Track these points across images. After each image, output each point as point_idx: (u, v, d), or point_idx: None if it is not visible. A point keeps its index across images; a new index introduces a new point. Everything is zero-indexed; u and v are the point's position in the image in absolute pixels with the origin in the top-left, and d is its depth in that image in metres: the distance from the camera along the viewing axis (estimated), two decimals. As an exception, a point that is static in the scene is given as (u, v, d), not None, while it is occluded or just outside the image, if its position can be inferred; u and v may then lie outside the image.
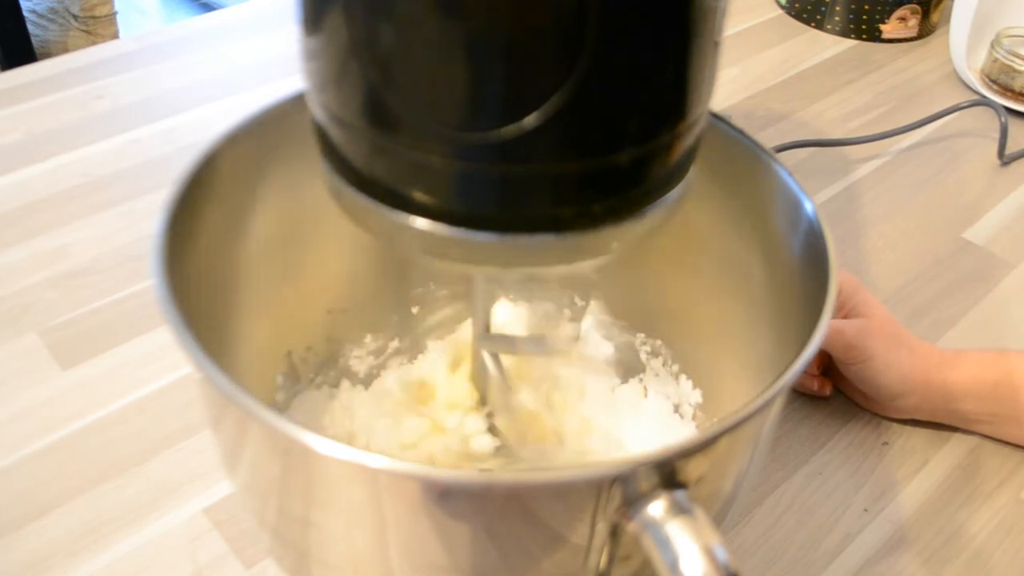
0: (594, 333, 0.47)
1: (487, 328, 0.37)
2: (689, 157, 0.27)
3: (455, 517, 0.26)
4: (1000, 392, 0.45)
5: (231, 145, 0.35)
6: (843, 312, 0.48)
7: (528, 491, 0.25)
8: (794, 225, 0.34)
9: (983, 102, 0.72)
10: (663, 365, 0.46)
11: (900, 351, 0.46)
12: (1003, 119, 0.70)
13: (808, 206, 0.34)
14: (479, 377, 0.40)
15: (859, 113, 0.74)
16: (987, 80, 0.78)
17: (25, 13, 1.48)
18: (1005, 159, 0.70)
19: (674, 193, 0.27)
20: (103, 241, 0.57)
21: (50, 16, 1.53)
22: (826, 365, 0.50)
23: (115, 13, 1.59)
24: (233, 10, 0.85)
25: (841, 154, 0.70)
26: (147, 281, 0.54)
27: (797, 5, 0.88)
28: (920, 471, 0.46)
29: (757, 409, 0.26)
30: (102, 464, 0.44)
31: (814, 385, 0.49)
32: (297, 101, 0.36)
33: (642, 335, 0.46)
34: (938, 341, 0.54)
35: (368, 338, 0.47)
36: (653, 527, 0.25)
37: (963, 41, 0.78)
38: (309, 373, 0.45)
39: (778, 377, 0.27)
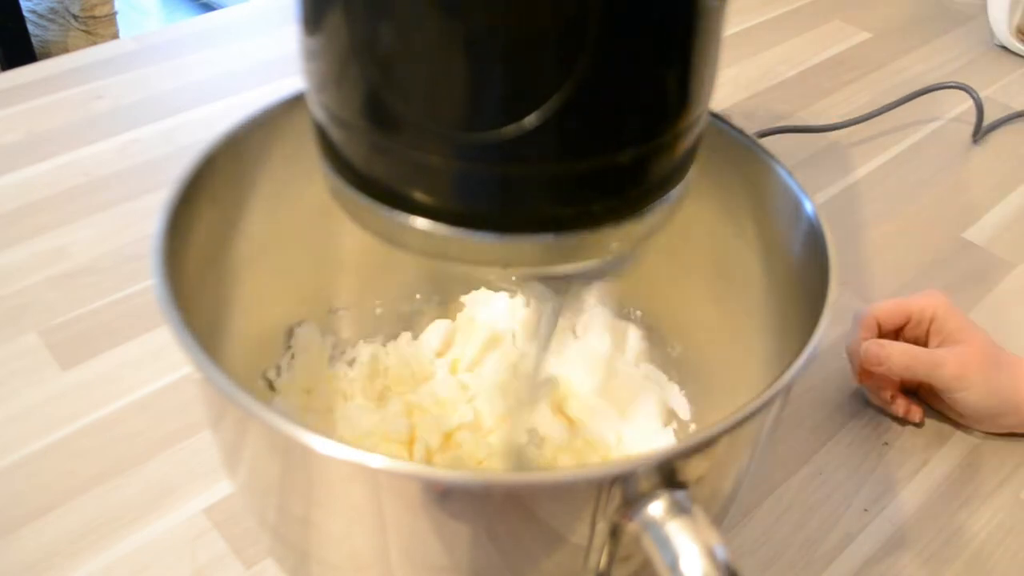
0: (593, 330, 0.47)
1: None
2: (689, 157, 0.27)
3: (455, 517, 0.26)
4: None
5: (231, 145, 0.35)
6: (939, 339, 0.47)
7: (528, 491, 0.25)
8: (794, 225, 0.34)
9: (959, 86, 0.72)
10: (660, 364, 0.46)
11: (1000, 374, 0.45)
12: (976, 97, 0.71)
13: (808, 206, 0.34)
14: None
15: (859, 113, 0.74)
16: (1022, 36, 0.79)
17: (25, 13, 1.48)
18: (977, 138, 0.71)
19: (674, 193, 0.27)
20: (103, 241, 0.57)
21: (50, 16, 1.53)
22: (915, 387, 0.49)
23: (115, 13, 1.59)
24: (233, 10, 0.85)
25: (841, 154, 0.70)
26: (147, 281, 0.54)
27: None
28: (920, 471, 0.46)
29: (757, 409, 0.26)
30: (102, 464, 0.44)
31: (899, 410, 0.48)
32: (297, 101, 0.36)
33: (640, 334, 0.46)
34: (938, 341, 0.54)
35: (370, 337, 0.47)
36: (653, 527, 0.25)
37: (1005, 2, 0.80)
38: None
39: (778, 377, 0.27)
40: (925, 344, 0.48)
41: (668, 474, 0.25)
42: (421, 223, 0.25)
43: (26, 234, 0.57)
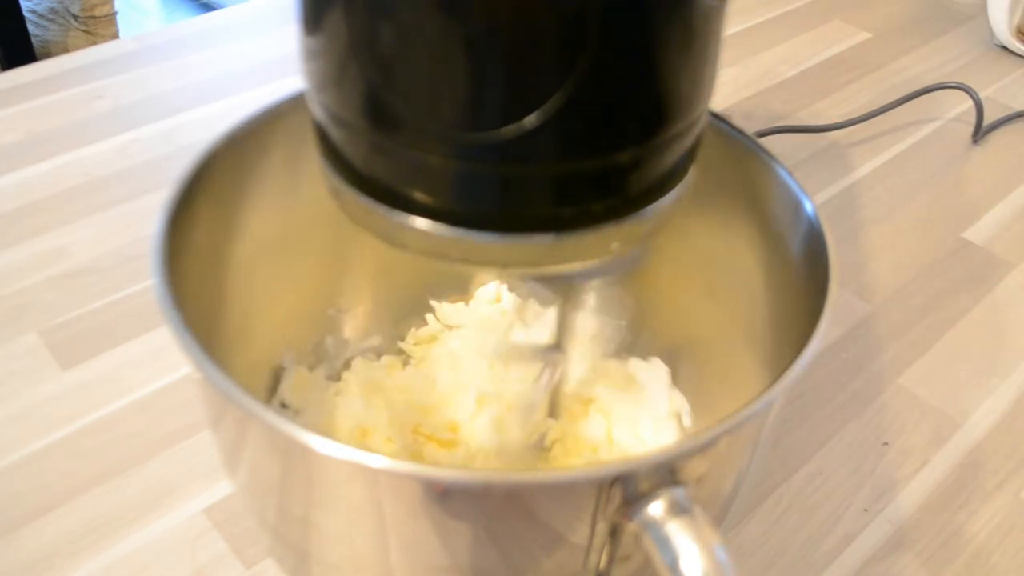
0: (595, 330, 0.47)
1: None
2: (689, 157, 0.27)
3: (455, 517, 0.26)
4: None
5: (231, 145, 0.35)
6: None
7: (528, 491, 0.25)
8: (794, 225, 0.34)
9: (959, 86, 0.72)
10: (659, 365, 0.46)
11: None
12: (976, 98, 0.71)
13: (808, 206, 0.34)
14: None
15: (859, 113, 0.74)
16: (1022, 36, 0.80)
17: (25, 13, 1.48)
18: (977, 138, 0.71)
19: (674, 193, 0.27)
20: (103, 241, 0.57)
21: (50, 16, 1.53)
22: None
23: (115, 13, 1.59)
24: (233, 10, 0.85)
25: (841, 154, 0.70)
26: (147, 281, 0.54)
27: None
28: (920, 471, 0.46)
29: (758, 409, 0.26)
30: (102, 464, 0.44)
31: None
32: (297, 101, 0.36)
33: (639, 334, 0.46)
34: (938, 341, 0.54)
35: (371, 338, 0.47)
36: (653, 527, 0.25)
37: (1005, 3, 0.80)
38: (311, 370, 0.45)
39: (778, 377, 0.27)
40: None
41: (668, 474, 0.25)
42: (421, 223, 0.25)
43: (26, 234, 0.57)
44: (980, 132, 0.71)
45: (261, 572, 0.40)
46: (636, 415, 0.44)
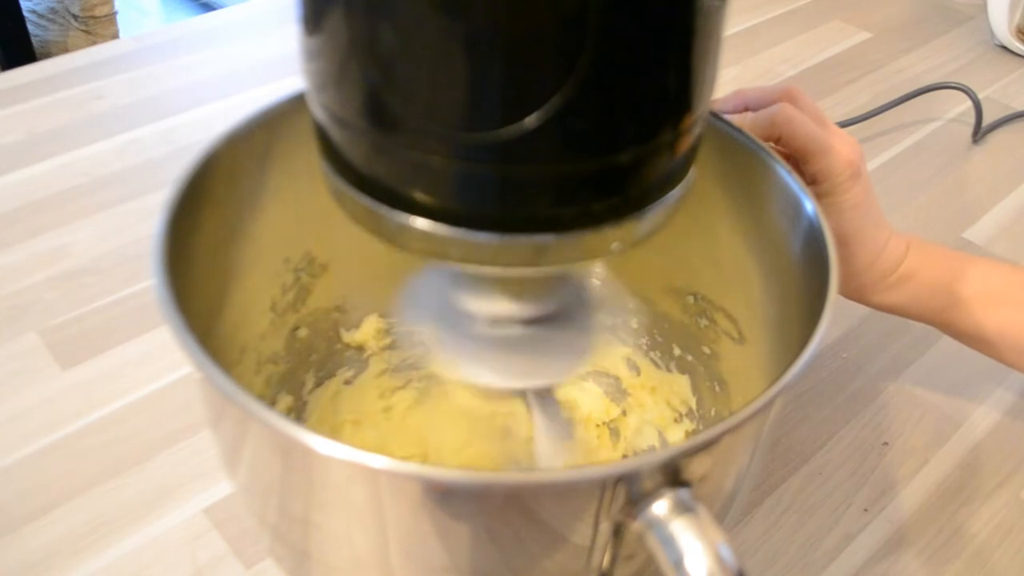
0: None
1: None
2: (690, 156, 0.27)
3: (456, 517, 0.26)
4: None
5: (231, 145, 0.35)
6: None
7: (530, 491, 0.25)
8: (794, 225, 0.34)
9: (958, 86, 0.72)
10: (660, 364, 0.46)
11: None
12: (975, 98, 0.71)
13: (808, 206, 0.34)
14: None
15: (859, 113, 0.74)
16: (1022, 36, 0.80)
17: (25, 13, 1.48)
18: (977, 138, 0.72)
19: (675, 192, 0.27)
20: (103, 241, 0.57)
21: (50, 16, 1.53)
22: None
23: (115, 13, 1.59)
24: (233, 10, 0.85)
25: (841, 154, 0.70)
26: (147, 281, 0.54)
27: None
28: (920, 471, 0.46)
29: (759, 408, 0.26)
30: (102, 464, 0.44)
31: None
32: (297, 101, 0.36)
33: (641, 333, 0.46)
34: (938, 341, 0.54)
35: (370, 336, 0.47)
36: (657, 525, 0.25)
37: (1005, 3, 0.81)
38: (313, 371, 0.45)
39: (779, 377, 0.27)
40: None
41: (672, 473, 0.25)
42: (421, 223, 0.25)
43: (26, 234, 0.57)
44: (980, 132, 0.71)
45: (261, 572, 0.40)
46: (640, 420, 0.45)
